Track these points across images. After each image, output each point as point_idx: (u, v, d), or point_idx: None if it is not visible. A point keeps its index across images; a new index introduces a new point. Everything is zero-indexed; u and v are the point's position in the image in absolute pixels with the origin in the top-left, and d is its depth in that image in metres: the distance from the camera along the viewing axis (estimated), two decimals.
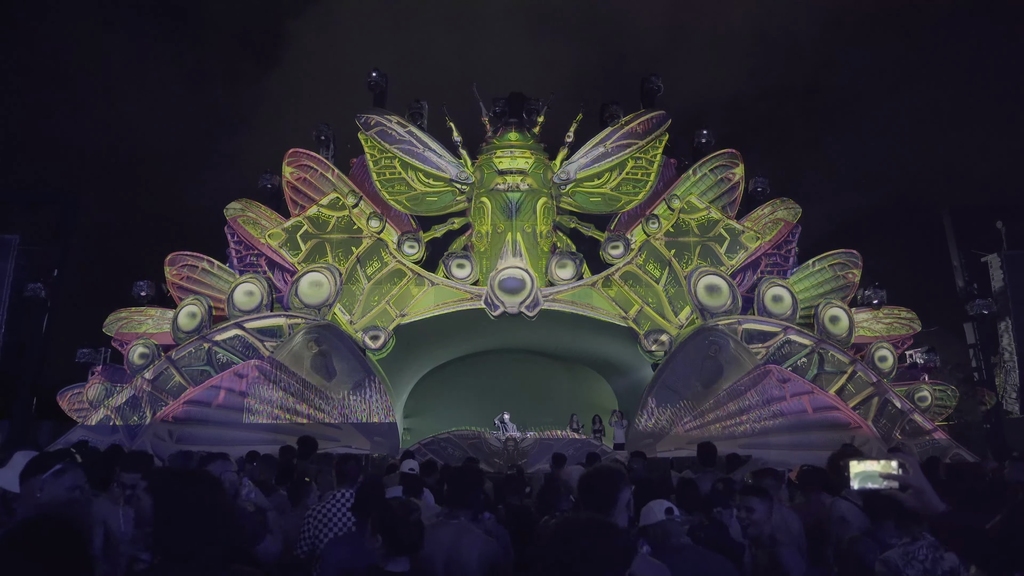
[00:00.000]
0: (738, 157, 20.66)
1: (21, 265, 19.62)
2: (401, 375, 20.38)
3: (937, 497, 2.15)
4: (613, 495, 3.08)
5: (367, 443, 16.51)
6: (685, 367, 17.47)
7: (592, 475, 3.27)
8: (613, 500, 3.08)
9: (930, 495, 2.15)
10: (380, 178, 20.19)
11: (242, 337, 17.87)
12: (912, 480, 2.17)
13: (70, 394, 18.54)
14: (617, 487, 3.12)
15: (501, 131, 20.34)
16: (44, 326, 19.51)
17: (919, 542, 3.11)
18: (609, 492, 3.09)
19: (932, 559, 3.05)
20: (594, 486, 3.15)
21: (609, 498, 3.08)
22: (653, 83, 21.71)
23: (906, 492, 2.17)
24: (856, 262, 19.95)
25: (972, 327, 21.31)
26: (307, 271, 18.59)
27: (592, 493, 3.15)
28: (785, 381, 17.31)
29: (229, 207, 19.69)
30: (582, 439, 16.55)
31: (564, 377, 23.46)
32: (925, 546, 3.08)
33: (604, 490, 3.12)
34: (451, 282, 18.82)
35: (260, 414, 16.86)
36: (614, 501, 3.07)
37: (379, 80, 21.63)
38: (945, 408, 18.95)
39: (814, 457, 9.84)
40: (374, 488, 4.25)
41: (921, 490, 2.16)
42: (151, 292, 19.24)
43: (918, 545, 3.10)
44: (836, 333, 18.62)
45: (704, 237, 19.69)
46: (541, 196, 19.73)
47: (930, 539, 3.11)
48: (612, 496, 3.08)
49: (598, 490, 3.13)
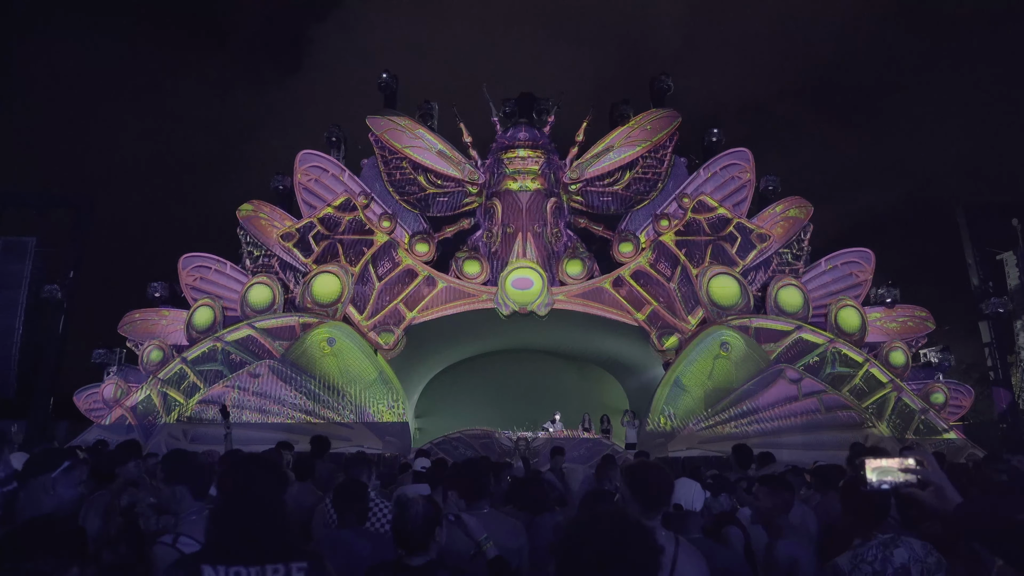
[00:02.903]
0: (748, 156, 20.57)
1: (38, 267, 19.82)
2: (412, 375, 20.44)
3: (957, 493, 2.10)
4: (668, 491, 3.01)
5: (379, 443, 16.58)
6: (697, 366, 17.43)
7: (644, 468, 3.17)
8: (485, 491, 3.04)
9: (950, 492, 2.09)
10: (391, 179, 20.28)
11: (255, 337, 18.00)
12: (932, 476, 2.12)
13: (86, 394, 18.77)
14: (670, 482, 3.04)
15: (511, 130, 20.34)
16: (60, 327, 19.72)
17: (869, 543, 3.04)
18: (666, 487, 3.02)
19: (881, 559, 2.97)
20: (651, 480, 3.05)
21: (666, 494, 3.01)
22: (663, 82, 21.67)
23: (925, 489, 2.12)
24: (869, 260, 19.83)
25: (987, 326, 21.07)
26: (319, 271, 18.70)
27: (466, 487, 3.06)
28: (797, 380, 17.24)
29: (242, 208, 19.84)
30: (594, 439, 16.54)
31: (575, 377, 23.45)
32: (875, 546, 3.02)
33: (663, 484, 3.03)
34: (462, 282, 18.87)
35: (273, 414, 16.98)
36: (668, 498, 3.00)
37: (390, 81, 21.73)
38: (960, 407, 18.79)
39: (827, 456, 9.81)
40: (354, 487, 4.23)
41: (941, 487, 2.10)
42: (165, 293, 19.44)
43: (868, 546, 3.03)
44: (849, 332, 18.51)
45: (715, 236, 19.63)
46: (551, 196, 19.74)
47: (882, 537, 3.04)
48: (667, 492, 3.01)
49: (655, 485, 3.02)
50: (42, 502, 3.15)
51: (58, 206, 21.43)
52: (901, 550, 2.97)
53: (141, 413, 17.25)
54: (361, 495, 4.14)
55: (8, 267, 19.35)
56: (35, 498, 3.17)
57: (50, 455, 3.35)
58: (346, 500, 4.07)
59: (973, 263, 21.72)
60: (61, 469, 3.26)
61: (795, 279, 19.31)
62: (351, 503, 4.05)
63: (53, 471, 3.23)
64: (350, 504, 4.05)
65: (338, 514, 4.09)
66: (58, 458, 3.29)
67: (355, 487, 4.20)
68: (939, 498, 2.08)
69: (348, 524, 4.01)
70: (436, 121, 21.40)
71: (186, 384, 17.51)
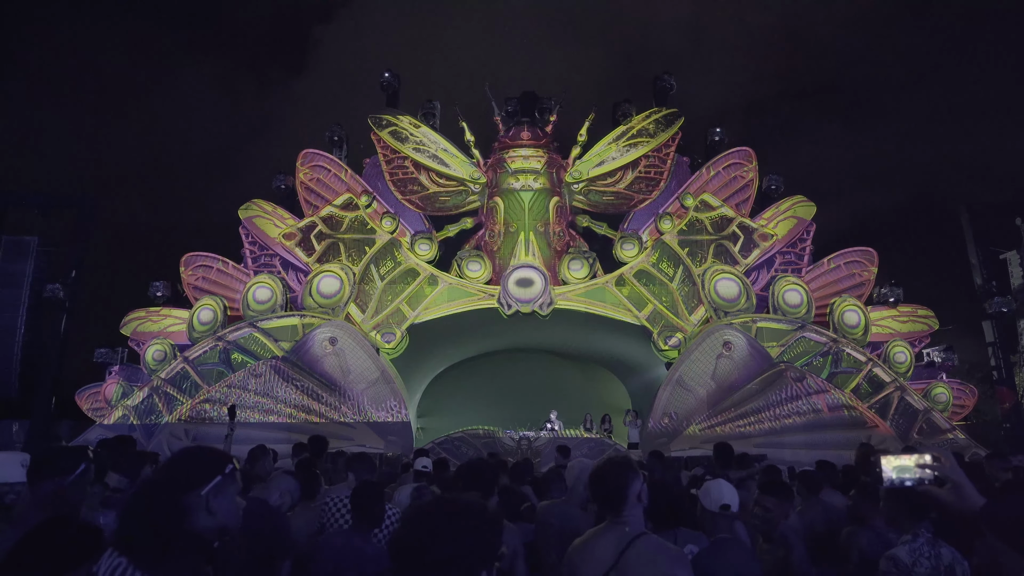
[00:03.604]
0: (751, 155, 20.52)
1: (40, 266, 19.82)
2: (415, 374, 20.42)
3: (976, 491, 2.06)
4: (623, 487, 2.85)
5: (381, 442, 16.55)
6: (699, 366, 17.38)
7: (602, 466, 3.03)
8: (623, 493, 2.84)
9: (969, 490, 2.06)
10: (393, 178, 20.26)
11: (256, 337, 17.99)
12: (950, 473, 2.08)
13: (88, 393, 18.78)
14: (626, 478, 2.87)
15: (513, 130, 20.31)
16: (62, 326, 19.71)
17: (920, 539, 3.04)
18: (619, 483, 2.86)
19: (934, 556, 2.99)
20: (604, 477, 2.93)
21: (619, 490, 2.85)
22: (665, 81, 21.63)
23: (944, 487, 2.08)
24: (872, 260, 19.77)
25: (991, 325, 21.00)
26: (321, 271, 18.68)
27: (601, 485, 2.92)
28: (800, 380, 17.18)
29: (243, 208, 19.84)
30: (596, 439, 16.51)
31: (578, 376, 23.41)
32: (925, 542, 3.02)
33: (614, 481, 2.88)
34: (464, 281, 18.84)
35: (275, 413, 16.96)
36: (624, 495, 2.84)
37: (391, 80, 21.71)
38: (963, 407, 18.72)
39: (829, 456, 9.77)
40: (372, 489, 4.21)
41: (960, 484, 2.06)
42: (167, 293, 19.43)
43: (920, 542, 3.03)
44: (852, 331, 18.45)
45: (718, 235, 19.58)
46: (554, 195, 19.71)
47: (927, 535, 3.04)
48: (622, 489, 2.85)
49: (607, 482, 2.90)
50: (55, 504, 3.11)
51: (60, 205, 21.42)
52: (946, 550, 2.99)
53: (143, 413, 17.24)
54: (378, 498, 4.12)
55: (10, 266, 19.36)
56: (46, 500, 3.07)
57: (60, 457, 3.29)
58: (364, 503, 4.04)
59: (977, 262, 21.65)
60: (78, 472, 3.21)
61: (798, 278, 19.26)
62: (370, 506, 4.03)
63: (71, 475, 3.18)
64: (369, 507, 4.03)
65: (355, 517, 4.06)
66: (69, 461, 3.25)
67: (372, 490, 4.17)
68: (958, 496, 2.04)
69: (363, 528, 3.99)
70: (438, 120, 21.38)
71: (188, 384, 17.50)
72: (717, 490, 3.69)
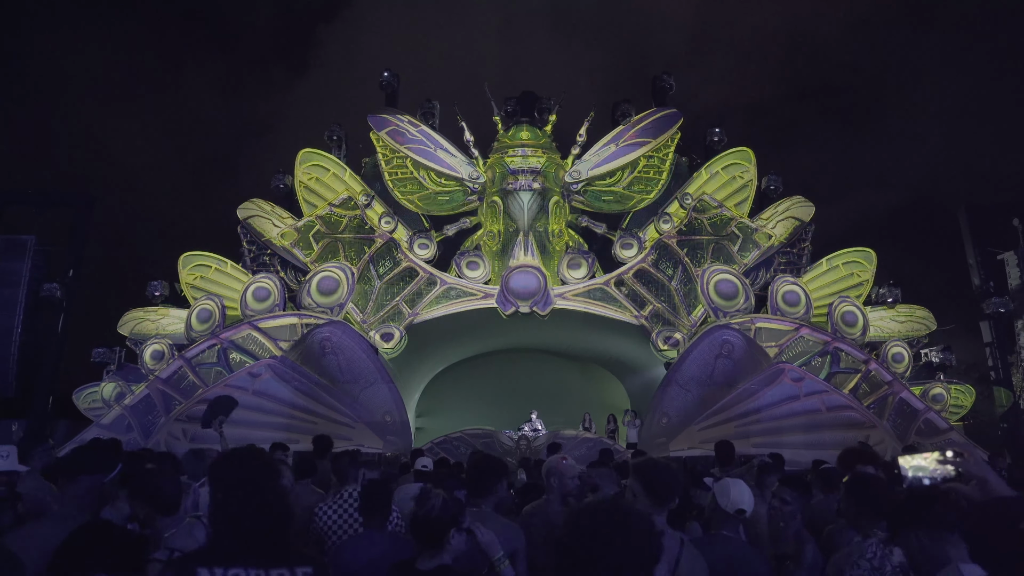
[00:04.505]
0: (750, 156, 20.52)
1: (37, 265, 19.78)
2: (413, 374, 20.40)
3: (1004, 485, 2.04)
4: (491, 485, 3.43)
5: (380, 442, 16.51)
6: (698, 366, 17.34)
7: (477, 461, 3.64)
8: (492, 489, 3.43)
9: (995, 484, 2.04)
10: (392, 178, 20.24)
11: (255, 336, 17.95)
12: (974, 469, 2.06)
13: (85, 393, 18.72)
14: (498, 477, 3.45)
15: (512, 129, 20.29)
16: (60, 326, 19.69)
17: (869, 540, 3.00)
18: (488, 482, 3.47)
19: (880, 556, 2.93)
20: (479, 472, 3.55)
21: (487, 488, 3.44)
22: (665, 81, 21.65)
23: (969, 484, 2.06)
24: (870, 260, 19.79)
25: (988, 325, 21.08)
26: (320, 270, 18.64)
27: (472, 481, 3.49)
28: (799, 380, 17.16)
29: (242, 207, 19.78)
30: (595, 438, 16.49)
31: (577, 376, 23.41)
32: (874, 543, 2.98)
33: (483, 479, 3.47)
34: (463, 281, 18.82)
35: (273, 413, 16.91)
36: (492, 491, 3.43)
37: (391, 80, 21.70)
38: (961, 407, 18.74)
39: (828, 456, 9.76)
40: (379, 488, 4.26)
41: (985, 479, 2.05)
42: (165, 292, 19.39)
43: (868, 543, 2.99)
44: (850, 331, 18.47)
45: (717, 235, 19.57)
46: (553, 195, 19.69)
47: (881, 535, 2.99)
48: (491, 487, 3.45)
49: (477, 478, 3.47)
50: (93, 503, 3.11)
51: (58, 204, 21.39)
52: (900, 550, 2.94)
53: (140, 412, 17.19)
54: (387, 497, 4.21)
55: (7, 265, 19.32)
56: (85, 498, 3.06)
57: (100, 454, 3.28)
58: (374, 502, 4.13)
59: (974, 263, 21.73)
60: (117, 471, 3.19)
61: (796, 279, 19.27)
62: (380, 505, 4.12)
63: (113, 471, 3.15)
64: (378, 506, 4.11)
65: (365, 515, 4.16)
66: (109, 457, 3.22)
67: (381, 489, 4.26)
68: (984, 491, 2.03)
69: (378, 524, 4.08)
70: (437, 120, 21.37)
71: (186, 383, 17.46)
72: (738, 493, 3.58)
